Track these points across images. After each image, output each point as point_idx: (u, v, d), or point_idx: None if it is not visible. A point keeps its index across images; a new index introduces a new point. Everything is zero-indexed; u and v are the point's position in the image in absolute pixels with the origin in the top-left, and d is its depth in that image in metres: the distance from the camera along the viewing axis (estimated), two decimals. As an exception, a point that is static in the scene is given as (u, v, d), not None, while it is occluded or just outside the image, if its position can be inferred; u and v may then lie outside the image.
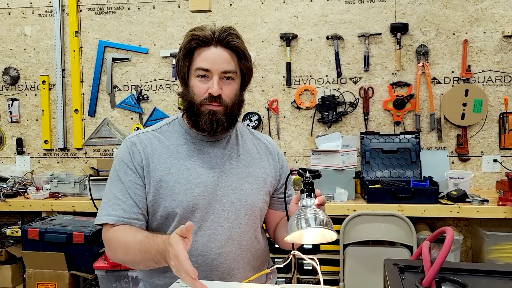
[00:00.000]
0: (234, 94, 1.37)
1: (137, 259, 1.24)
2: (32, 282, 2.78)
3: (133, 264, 1.29)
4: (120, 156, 1.38)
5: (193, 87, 1.35)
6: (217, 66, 1.32)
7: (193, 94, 1.34)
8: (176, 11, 3.41)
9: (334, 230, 1.12)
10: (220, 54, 1.33)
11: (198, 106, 1.34)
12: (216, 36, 1.33)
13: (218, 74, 1.32)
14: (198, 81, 1.34)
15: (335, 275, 2.73)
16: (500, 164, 3.12)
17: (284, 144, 3.35)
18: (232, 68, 1.35)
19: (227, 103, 1.35)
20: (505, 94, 3.12)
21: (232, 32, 1.35)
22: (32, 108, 3.60)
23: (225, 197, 1.37)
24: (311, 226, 1.09)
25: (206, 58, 1.32)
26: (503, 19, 3.09)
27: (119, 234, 1.29)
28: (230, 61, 1.34)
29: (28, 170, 3.58)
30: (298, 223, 1.11)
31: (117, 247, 1.29)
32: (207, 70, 1.32)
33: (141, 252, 1.21)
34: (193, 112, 1.36)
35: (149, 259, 1.20)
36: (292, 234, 1.12)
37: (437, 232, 1.11)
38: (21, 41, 3.57)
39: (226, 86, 1.34)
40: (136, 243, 1.23)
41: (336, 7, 3.25)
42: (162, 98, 3.46)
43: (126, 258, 1.29)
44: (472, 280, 0.98)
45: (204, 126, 1.34)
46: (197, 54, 1.34)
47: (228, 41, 1.33)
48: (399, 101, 3.17)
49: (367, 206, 2.73)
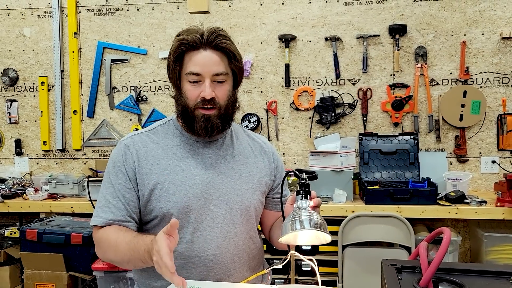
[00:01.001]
0: (227, 95, 1.37)
1: (125, 258, 1.26)
2: (31, 283, 2.78)
3: (122, 263, 1.32)
4: (114, 159, 1.39)
5: (185, 91, 1.35)
6: (208, 69, 1.32)
7: (186, 99, 1.35)
8: (175, 13, 3.41)
9: (329, 232, 1.12)
10: (210, 57, 1.32)
11: (191, 110, 1.34)
12: (204, 38, 1.32)
13: (209, 77, 1.32)
14: (190, 85, 1.33)
15: (334, 276, 2.74)
16: (498, 165, 3.12)
17: (282, 145, 3.35)
18: (223, 70, 1.34)
19: (221, 105, 1.35)
20: (503, 96, 3.12)
21: (220, 33, 1.34)
22: (31, 109, 3.60)
23: (220, 198, 1.37)
24: (305, 228, 1.10)
25: (197, 62, 1.32)
26: (501, 21, 3.10)
27: (109, 235, 1.30)
28: (220, 62, 1.34)
29: (26, 171, 3.58)
30: (292, 225, 1.11)
31: (107, 247, 1.31)
32: (198, 74, 1.32)
33: (130, 251, 1.23)
34: (187, 117, 1.36)
35: (137, 258, 1.22)
36: (286, 235, 1.12)
37: (435, 233, 1.12)
38: (20, 42, 3.57)
39: (218, 88, 1.34)
40: (125, 243, 1.25)
41: (334, 9, 3.25)
42: (161, 99, 3.47)
43: (115, 257, 1.30)
44: (469, 280, 0.98)
45: (199, 131, 1.35)
46: (187, 58, 1.34)
47: (217, 43, 1.33)
48: (398, 102, 3.18)
49: (366, 207, 2.73)
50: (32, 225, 2.83)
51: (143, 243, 1.20)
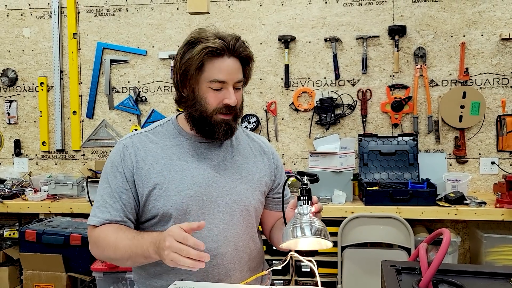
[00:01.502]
0: (241, 100, 1.40)
1: (126, 255, 1.27)
2: (30, 284, 2.77)
3: (121, 260, 1.32)
4: (112, 159, 1.39)
5: (206, 98, 1.33)
6: (231, 77, 1.32)
7: (206, 104, 1.33)
8: (175, 13, 3.41)
9: (330, 235, 1.13)
10: (234, 65, 1.33)
11: (210, 116, 1.34)
12: (230, 46, 1.31)
13: (232, 84, 1.33)
14: (213, 92, 1.33)
15: (333, 277, 2.73)
16: (498, 166, 3.13)
17: (282, 146, 3.35)
18: (242, 77, 1.37)
19: (237, 110, 1.37)
20: (503, 97, 3.12)
21: (242, 41, 1.35)
22: (30, 109, 3.60)
23: (219, 198, 1.37)
24: (306, 236, 1.10)
25: (222, 70, 1.31)
26: (501, 22, 3.10)
27: (108, 233, 1.31)
28: (240, 69, 1.36)
29: (25, 172, 3.57)
30: (293, 232, 1.11)
31: (106, 245, 1.31)
32: (224, 82, 1.32)
33: (132, 247, 1.24)
34: (205, 122, 1.35)
35: (139, 254, 1.23)
36: (287, 242, 1.12)
37: (434, 234, 1.12)
38: (20, 43, 3.57)
39: (237, 94, 1.36)
40: (127, 239, 1.26)
41: (334, 10, 3.25)
42: (160, 100, 3.46)
43: (115, 255, 1.31)
44: (469, 281, 0.98)
45: (220, 136, 1.36)
46: (209, 65, 1.31)
47: (240, 52, 1.34)
48: (397, 103, 3.18)
49: (365, 208, 2.73)
50: (31, 226, 2.83)
51: (149, 237, 1.22)
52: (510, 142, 3.11)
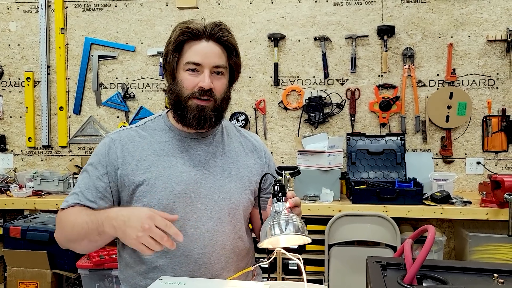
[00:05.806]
0: (224, 90, 1.36)
1: (82, 232, 1.23)
2: (14, 281, 2.73)
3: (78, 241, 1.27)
4: (97, 150, 1.38)
5: (182, 80, 1.32)
6: (208, 60, 1.31)
7: (181, 87, 1.32)
8: (164, 9, 3.39)
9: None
10: (212, 48, 1.32)
11: (185, 99, 1.32)
12: (208, 30, 1.32)
13: (209, 68, 1.31)
14: (188, 74, 1.32)
15: (320, 275, 2.74)
16: (483, 166, 3.16)
17: (271, 144, 3.35)
18: (223, 63, 1.34)
19: (217, 98, 1.34)
20: (489, 98, 3.16)
21: (223, 27, 1.34)
22: (15, 105, 3.55)
23: (208, 196, 1.35)
24: (284, 233, 1.10)
25: (198, 52, 1.31)
26: (488, 24, 3.14)
27: (71, 212, 1.29)
28: (222, 55, 1.34)
29: (11, 168, 3.52)
30: (271, 230, 1.11)
31: (65, 223, 1.29)
32: (198, 64, 1.31)
33: (89, 223, 1.21)
34: (179, 106, 1.34)
35: (93, 229, 1.20)
36: (266, 240, 1.12)
37: (420, 230, 1.13)
38: (6, 37, 3.52)
39: (216, 81, 1.33)
40: (86, 216, 1.24)
41: (324, 9, 3.26)
42: (148, 97, 3.44)
43: (72, 233, 1.27)
44: (452, 277, 0.99)
45: (191, 122, 1.33)
46: (187, 48, 1.32)
47: (219, 36, 1.33)
48: (385, 103, 3.20)
49: (352, 207, 2.74)
50: (15, 222, 2.79)
51: (104, 212, 1.20)
52: (496, 142, 3.15)
